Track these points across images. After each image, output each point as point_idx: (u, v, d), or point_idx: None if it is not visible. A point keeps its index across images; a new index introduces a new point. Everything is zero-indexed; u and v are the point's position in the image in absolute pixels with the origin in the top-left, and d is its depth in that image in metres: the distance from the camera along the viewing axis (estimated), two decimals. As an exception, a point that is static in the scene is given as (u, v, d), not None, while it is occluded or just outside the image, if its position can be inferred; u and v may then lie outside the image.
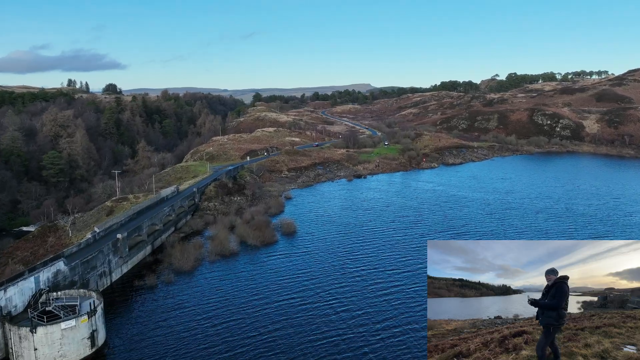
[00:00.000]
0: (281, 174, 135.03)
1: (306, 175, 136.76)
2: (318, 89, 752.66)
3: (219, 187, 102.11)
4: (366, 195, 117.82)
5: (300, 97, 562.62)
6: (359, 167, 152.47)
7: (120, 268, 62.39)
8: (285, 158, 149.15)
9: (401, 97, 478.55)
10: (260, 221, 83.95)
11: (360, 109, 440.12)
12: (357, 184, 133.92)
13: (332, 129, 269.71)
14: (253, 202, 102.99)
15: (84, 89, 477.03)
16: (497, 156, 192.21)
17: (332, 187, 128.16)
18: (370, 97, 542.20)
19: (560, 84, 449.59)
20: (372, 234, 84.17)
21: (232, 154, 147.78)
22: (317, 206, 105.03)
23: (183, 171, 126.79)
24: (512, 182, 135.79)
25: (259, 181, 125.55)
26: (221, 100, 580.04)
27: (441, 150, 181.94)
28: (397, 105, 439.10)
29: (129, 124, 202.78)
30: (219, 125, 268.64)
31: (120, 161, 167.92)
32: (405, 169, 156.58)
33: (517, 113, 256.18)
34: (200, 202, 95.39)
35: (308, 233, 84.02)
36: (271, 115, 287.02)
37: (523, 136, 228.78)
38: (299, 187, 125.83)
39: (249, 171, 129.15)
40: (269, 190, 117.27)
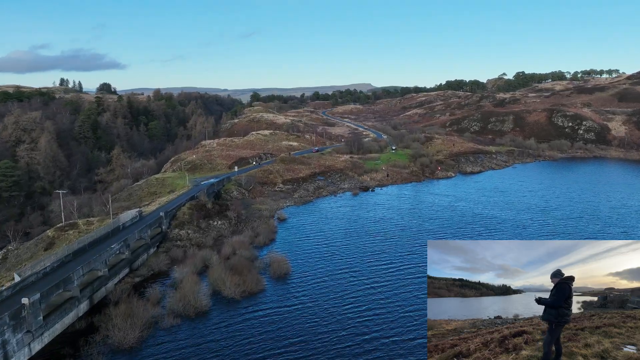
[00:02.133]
0: (275, 187, 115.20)
1: (304, 188, 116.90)
2: (318, 89, 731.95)
3: (195, 208, 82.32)
4: (375, 214, 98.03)
5: (300, 97, 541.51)
6: (366, 178, 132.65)
7: (28, 347, 42.67)
8: (280, 167, 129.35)
9: (405, 96, 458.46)
10: (243, 260, 64.20)
11: (363, 109, 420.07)
12: (364, 198, 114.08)
13: (333, 131, 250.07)
14: (238, 227, 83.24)
15: (77, 89, 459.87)
16: (517, 163, 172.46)
17: (334, 203, 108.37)
18: (372, 96, 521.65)
19: (572, 83, 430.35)
20: (385, 273, 64.28)
21: (218, 162, 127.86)
22: (317, 231, 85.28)
23: (158, 185, 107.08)
24: (545, 196, 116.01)
25: (247, 197, 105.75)
26: (218, 100, 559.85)
27: (456, 156, 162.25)
28: (401, 105, 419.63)
29: (109, 126, 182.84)
30: (211, 127, 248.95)
31: (95, 169, 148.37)
32: (418, 179, 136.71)
33: (534, 114, 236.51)
34: (170, 229, 75.59)
35: (304, 274, 64.18)
36: (268, 116, 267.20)
37: (542, 139, 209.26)
38: (296, 203, 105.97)
39: (237, 184, 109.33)
40: (258, 208, 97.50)
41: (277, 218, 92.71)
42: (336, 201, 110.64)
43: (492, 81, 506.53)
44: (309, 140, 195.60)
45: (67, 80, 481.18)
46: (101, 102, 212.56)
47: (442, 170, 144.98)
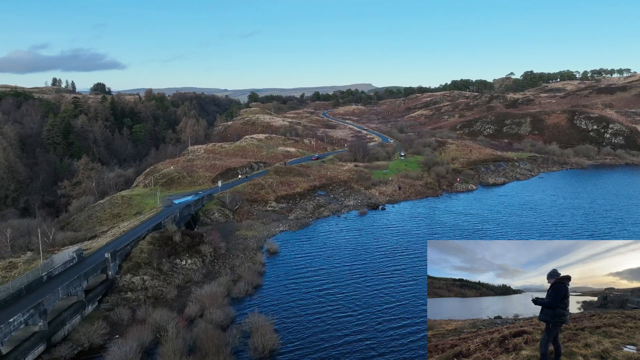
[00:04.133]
0: (266, 206, 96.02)
1: (302, 206, 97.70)
2: (318, 89, 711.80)
3: (157, 242, 63.25)
4: (387, 243, 78.96)
5: (300, 97, 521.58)
6: (374, 192, 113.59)
7: None
8: (273, 179, 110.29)
9: (409, 97, 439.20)
10: (211, 330, 45.05)
11: (365, 110, 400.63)
12: (373, 219, 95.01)
13: (334, 134, 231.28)
14: (214, 267, 64.24)
15: (70, 89, 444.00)
16: (543, 171, 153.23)
17: (337, 226, 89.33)
18: (374, 97, 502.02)
19: (583, 82, 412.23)
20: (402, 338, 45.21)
21: (200, 175, 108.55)
22: (315, 269, 66.25)
23: (123, 204, 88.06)
24: (588, 215, 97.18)
25: (232, 219, 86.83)
26: (215, 100, 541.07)
27: (475, 164, 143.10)
28: (405, 106, 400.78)
29: (85, 130, 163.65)
30: (202, 130, 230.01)
31: (64, 180, 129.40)
32: (434, 193, 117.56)
33: (553, 116, 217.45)
34: (119, 275, 56.51)
35: (296, 348, 45.21)
36: (264, 118, 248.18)
37: (565, 144, 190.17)
38: (291, 228, 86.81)
39: (219, 204, 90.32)
40: (244, 236, 78.55)
41: (267, 250, 73.60)
42: (339, 224, 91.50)
43: (499, 81, 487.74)
44: (308, 145, 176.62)
45: (60, 80, 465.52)
46: (79, 102, 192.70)
47: (462, 182, 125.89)
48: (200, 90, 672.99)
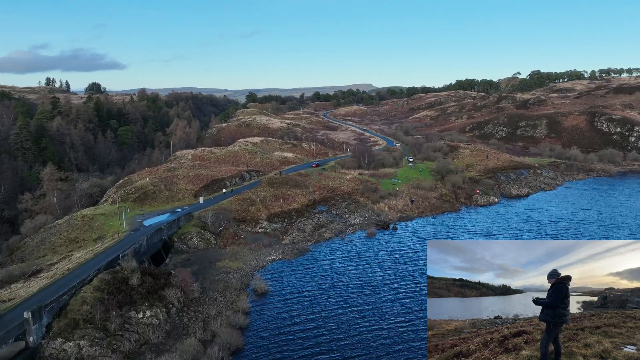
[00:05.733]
0: (257, 227, 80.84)
1: (299, 227, 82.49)
2: (318, 89, 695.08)
3: (107, 288, 48.21)
4: (402, 276, 64.04)
5: (299, 98, 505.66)
6: (382, 206, 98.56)
7: None
8: (266, 192, 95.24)
9: (412, 97, 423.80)
10: None
11: (367, 110, 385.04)
12: (383, 243, 79.97)
13: (336, 137, 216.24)
14: (181, 321, 49.22)
15: (64, 88, 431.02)
16: (568, 179, 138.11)
17: (341, 252, 74.34)
18: (376, 97, 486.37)
19: (592, 82, 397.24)
20: None
21: (181, 188, 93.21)
22: (313, 318, 51.31)
23: (84, 226, 72.94)
24: (636, 234, 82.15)
25: (214, 245, 71.85)
26: (213, 100, 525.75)
27: (493, 172, 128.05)
28: (409, 106, 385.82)
29: (61, 133, 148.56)
30: (194, 132, 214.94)
31: (32, 191, 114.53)
32: (452, 208, 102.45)
33: (571, 118, 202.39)
34: (47, 340, 41.49)
35: None
36: (261, 119, 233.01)
37: (587, 148, 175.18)
38: (285, 256, 71.60)
39: (200, 225, 75.25)
40: (227, 269, 63.56)
41: (253, 290, 58.51)
42: (343, 249, 76.43)
43: (505, 80, 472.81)
44: (308, 150, 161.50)
45: (54, 80, 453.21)
46: (58, 103, 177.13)
47: (481, 194, 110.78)
48: (200, 91, 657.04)
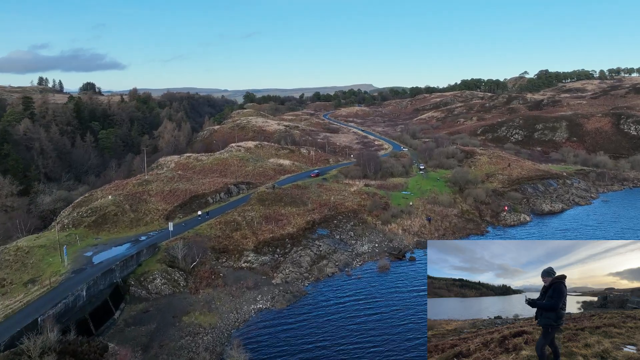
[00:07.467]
0: (241, 260, 64.38)
1: (294, 259, 66.07)
2: (319, 90, 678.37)
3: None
4: (425, 327, 47.73)
5: (299, 98, 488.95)
6: (395, 227, 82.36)
7: None
8: (255, 212, 78.95)
9: (416, 97, 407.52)
10: None
11: (369, 111, 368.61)
12: (399, 279, 63.70)
13: (337, 140, 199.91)
14: None
15: (57, 88, 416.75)
16: (602, 191, 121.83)
17: (346, 292, 58.08)
18: (379, 97, 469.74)
19: (604, 82, 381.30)
20: None
21: (151, 207, 76.53)
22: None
23: (16, 263, 56.66)
24: None
25: (184, 289, 55.54)
26: (210, 101, 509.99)
27: (519, 183, 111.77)
28: (413, 107, 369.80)
29: (28, 138, 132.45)
30: (184, 136, 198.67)
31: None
32: (477, 230, 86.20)
33: (593, 120, 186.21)
34: None
35: None
36: (257, 121, 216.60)
37: (614, 154, 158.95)
38: (275, 304, 55.10)
39: (166, 260, 58.88)
40: (196, 327, 47.29)
41: (228, 364, 42.22)
42: (349, 289, 60.07)
43: (512, 80, 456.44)
44: (306, 156, 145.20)
45: (47, 80, 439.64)
46: (30, 103, 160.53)
47: (510, 211, 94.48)
48: (200, 91, 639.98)
